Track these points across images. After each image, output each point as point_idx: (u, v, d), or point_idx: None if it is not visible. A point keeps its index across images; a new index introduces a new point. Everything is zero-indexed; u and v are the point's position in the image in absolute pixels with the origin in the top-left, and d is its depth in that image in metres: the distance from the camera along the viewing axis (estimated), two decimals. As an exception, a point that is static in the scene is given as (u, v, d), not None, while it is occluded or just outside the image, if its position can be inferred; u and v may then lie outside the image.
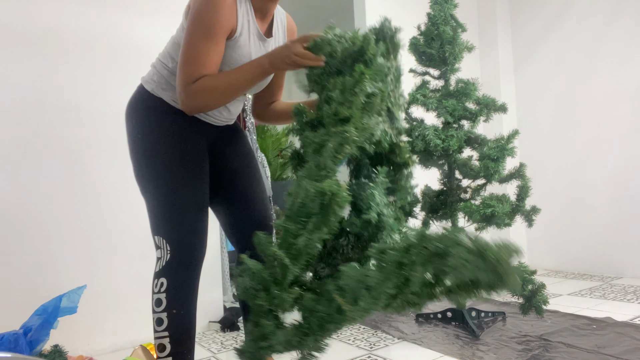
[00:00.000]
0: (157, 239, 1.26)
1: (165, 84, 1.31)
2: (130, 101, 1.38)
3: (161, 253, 1.25)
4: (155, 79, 1.33)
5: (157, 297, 1.23)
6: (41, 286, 1.91)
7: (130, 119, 1.35)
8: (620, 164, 3.10)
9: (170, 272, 1.24)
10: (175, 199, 1.27)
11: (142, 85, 1.36)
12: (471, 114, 2.08)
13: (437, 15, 2.10)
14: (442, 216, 2.16)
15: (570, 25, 3.38)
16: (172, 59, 1.30)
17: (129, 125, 1.35)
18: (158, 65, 1.35)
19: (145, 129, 1.30)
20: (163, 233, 1.25)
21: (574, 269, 3.36)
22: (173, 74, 1.29)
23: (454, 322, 2.14)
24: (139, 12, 2.22)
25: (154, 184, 1.29)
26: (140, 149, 1.31)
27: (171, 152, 1.28)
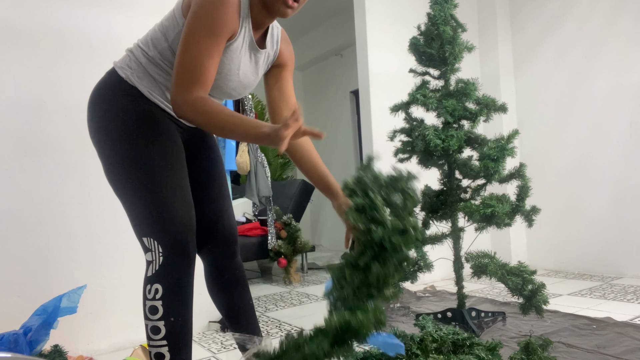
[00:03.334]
0: (146, 240, 1.15)
1: (142, 73, 1.22)
2: (98, 87, 1.25)
3: (152, 256, 1.15)
4: (132, 66, 1.22)
5: (151, 305, 1.14)
6: (41, 286, 1.91)
7: (98, 107, 1.21)
8: (620, 164, 3.10)
9: (165, 276, 1.15)
10: (162, 194, 1.15)
11: (115, 71, 1.24)
12: (471, 114, 2.08)
13: (437, 15, 2.10)
14: (442, 216, 2.16)
15: (570, 25, 3.38)
16: (154, 47, 1.22)
17: (97, 114, 1.21)
18: (136, 51, 1.24)
19: (118, 118, 1.17)
20: (152, 233, 1.15)
21: (574, 269, 3.36)
22: (152, 62, 1.22)
23: (453, 322, 2.14)
24: (139, 12, 2.22)
25: (134, 180, 1.16)
26: (112, 140, 1.18)
27: (151, 142, 1.17)
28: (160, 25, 1.24)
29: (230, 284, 1.45)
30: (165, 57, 1.22)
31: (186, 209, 1.20)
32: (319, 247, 6.01)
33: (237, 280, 1.45)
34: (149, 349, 1.16)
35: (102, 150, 1.22)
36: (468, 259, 2.07)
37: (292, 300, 2.95)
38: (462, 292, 2.16)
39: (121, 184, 1.20)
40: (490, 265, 1.94)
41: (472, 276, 2.03)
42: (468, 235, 2.19)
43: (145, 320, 1.16)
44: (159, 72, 1.23)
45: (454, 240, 2.15)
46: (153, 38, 1.23)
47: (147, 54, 1.22)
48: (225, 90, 1.28)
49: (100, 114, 1.21)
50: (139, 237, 1.19)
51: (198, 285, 2.40)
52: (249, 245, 3.57)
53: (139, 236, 1.19)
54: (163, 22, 1.24)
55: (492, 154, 1.95)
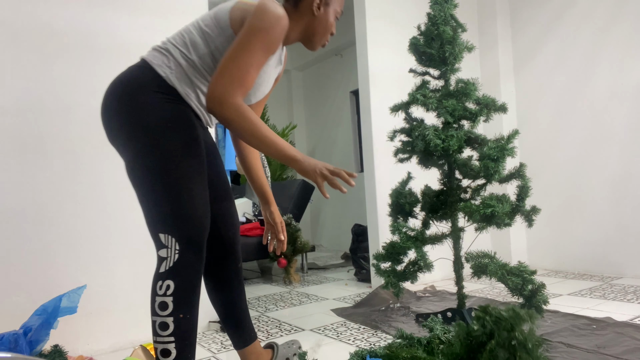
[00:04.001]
0: (164, 237, 1.18)
1: (181, 74, 1.25)
2: (128, 81, 1.25)
3: (168, 253, 1.17)
4: (171, 67, 1.25)
5: (161, 300, 1.16)
6: (41, 286, 1.91)
7: (131, 101, 1.22)
8: (620, 164, 3.10)
9: (178, 273, 1.17)
10: (188, 195, 1.19)
11: (151, 67, 1.25)
12: (471, 114, 2.08)
13: (437, 15, 2.10)
14: (442, 216, 2.16)
15: (570, 25, 3.38)
16: (195, 51, 1.26)
17: (129, 107, 1.21)
18: (175, 52, 1.27)
19: (156, 114, 1.20)
20: (171, 230, 1.17)
21: (574, 269, 3.36)
22: (192, 66, 1.26)
23: (454, 322, 2.14)
24: (139, 13, 2.22)
25: (162, 178, 1.18)
26: (147, 135, 1.19)
27: (186, 144, 1.21)
28: (199, 30, 1.28)
29: (229, 283, 1.47)
30: (205, 62, 1.27)
31: (204, 210, 1.24)
32: (319, 247, 6.01)
33: (236, 280, 1.48)
34: (155, 345, 1.17)
35: (129, 143, 1.22)
36: (468, 259, 2.07)
37: (292, 300, 2.95)
38: (462, 292, 2.16)
39: (147, 179, 1.21)
40: (490, 265, 1.94)
41: (472, 276, 2.03)
42: (468, 235, 2.19)
43: (153, 317, 1.17)
44: (197, 76, 1.27)
45: (454, 240, 2.15)
46: (192, 42, 1.27)
47: (187, 57, 1.26)
48: (248, 97, 1.38)
49: (134, 107, 1.21)
50: (155, 233, 1.20)
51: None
52: (249, 245, 3.57)
53: (155, 232, 1.20)
54: (202, 27, 1.28)
55: (492, 154, 1.95)
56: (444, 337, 1.44)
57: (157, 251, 1.20)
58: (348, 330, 2.18)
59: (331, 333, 2.14)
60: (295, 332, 2.20)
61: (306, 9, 1.34)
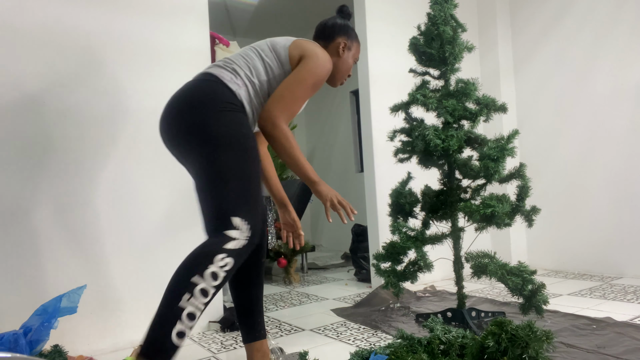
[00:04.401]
0: (239, 220, 1.29)
1: (245, 93, 1.45)
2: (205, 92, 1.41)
3: (239, 234, 1.28)
4: (239, 84, 1.44)
5: (214, 271, 1.22)
6: (41, 286, 1.91)
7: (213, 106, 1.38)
8: (620, 164, 3.10)
9: (239, 256, 1.28)
10: (257, 192, 1.38)
11: (224, 83, 1.42)
12: (471, 114, 2.08)
13: (437, 15, 2.10)
14: (442, 216, 2.16)
15: (570, 25, 3.38)
16: (257, 76, 1.47)
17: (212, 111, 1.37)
18: (242, 73, 1.46)
19: (231, 119, 1.38)
20: (248, 218, 1.31)
21: (574, 269, 3.36)
22: (254, 89, 1.46)
23: (454, 322, 2.14)
24: (139, 13, 2.22)
25: (242, 172, 1.35)
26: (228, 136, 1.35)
27: (253, 148, 1.39)
28: (260, 60, 1.50)
29: (252, 273, 1.59)
30: (262, 87, 1.48)
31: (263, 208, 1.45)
32: (319, 247, 6.01)
33: (258, 271, 1.61)
34: (184, 304, 1.17)
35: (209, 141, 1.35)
36: (468, 259, 2.07)
37: (292, 300, 2.95)
38: (462, 292, 2.16)
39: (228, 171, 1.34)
40: (490, 265, 1.94)
41: (472, 276, 2.03)
42: (468, 235, 2.19)
43: (194, 278, 1.20)
44: (256, 97, 1.48)
45: (454, 240, 2.15)
46: (255, 67, 1.48)
47: (251, 79, 1.47)
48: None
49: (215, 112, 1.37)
50: (229, 215, 1.29)
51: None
52: (249, 245, 3.56)
53: (230, 214, 1.29)
54: (263, 57, 1.50)
55: (492, 154, 1.95)
56: (444, 338, 1.44)
57: (226, 230, 1.27)
58: (348, 330, 2.18)
59: (331, 333, 2.14)
60: (295, 332, 2.20)
61: (333, 50, 1.65)
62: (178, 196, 2.29)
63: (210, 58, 2.45)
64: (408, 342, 1.46)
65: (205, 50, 2.43)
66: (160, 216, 2.23)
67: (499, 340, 1.20)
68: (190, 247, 2.27)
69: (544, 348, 1.19)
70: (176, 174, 2.29)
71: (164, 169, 2.25)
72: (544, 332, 1.20)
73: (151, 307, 2.19)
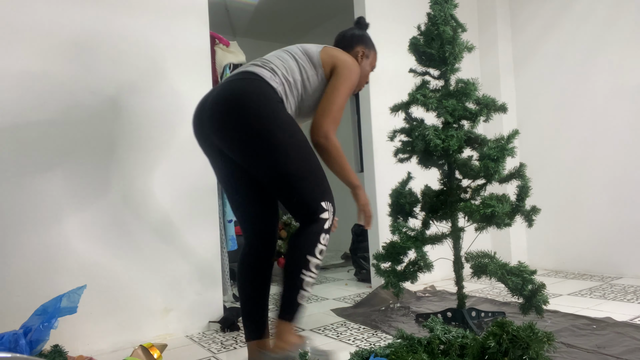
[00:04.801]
0: (325, 204, 1.50)
1: (283, 90, 1.56)
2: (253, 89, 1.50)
3: (329, 215, 1.50)
4: (277, 82, 1.55)
5: (322, 248, 1.48)
6: (41, 286, 1.91)
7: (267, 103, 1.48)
8: (620, 164, 3.10)
9: (329, 231, 1.52)
10: (322, 171, 1.53)
11: (267, 81, 1.52)
12: (471, 114, 2.08)
13: (437, 15, 2.10)
14: (442, 216, 2.16)
15: (570, 25, 3.38)
16: (292, 75, 1.58)
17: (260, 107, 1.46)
18: (279, 73, 1.56)
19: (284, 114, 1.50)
20: (330, 199, 1.52)
21: (574, 269, 3.36)
22: (289, 87, 1.57)
23: (454, 322, 2.14)
24: (139, 13, 2.22)
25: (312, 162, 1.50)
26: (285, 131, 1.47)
27: (304, 137, 1.52)
28: (295, 61, 1.61)
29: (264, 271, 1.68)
30: (296, 86, 1.59)
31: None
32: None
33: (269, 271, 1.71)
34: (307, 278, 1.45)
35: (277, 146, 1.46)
36: (468, 259, 2.07)
37: (292, 300, 2.95)
38: (462, 292, 2.16)
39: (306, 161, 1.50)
40: (490, 265, 1.94)
41: (472, 276, 2.03)
42: (468, 235, 2.19)
43: (310, 256, 1.46)
44: (291, 95, 1.59)
45: (454, 240, 2.15)
46: (290, 68, 1.59)
47: (287, 79, 1.57)
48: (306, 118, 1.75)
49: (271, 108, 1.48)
50: (318, 202, 1.49)
51: (199, 285, 2.42)
52: (249, 245, 3.56)
53: (319, 200, 1.49)
54: (297, 59, 1.61)
55: (492, 154, 1.95)
56: (444, 338, 1.44)
57: (319, 214, 1.48)
58: (348, 330, 2.18)
59: (331, 333, 2.14)
60: (295, 331, 2.20)
61: (355, 58, 1.76)
62: (179, 196, 2.29)
63: (210, 58, 2.45)
64: (408, 342, 1.46)
65: (205, 50, 2.43)
66: (161, 216, 2.23)
67: (500, 341, 1.20)
68: (189, 247, 2.27)
69: (545, 349, 1.19)
70: (177, 173, 2.29)
71: (164, 168, 2.25)
72: (545, 334, 1.20)
73: (151, 307, 2.20)
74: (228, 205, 2.78)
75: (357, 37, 1.81)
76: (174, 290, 2.24)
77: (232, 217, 2.79)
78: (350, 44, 1.80)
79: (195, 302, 2.31)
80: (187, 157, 2.32)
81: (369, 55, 1.81)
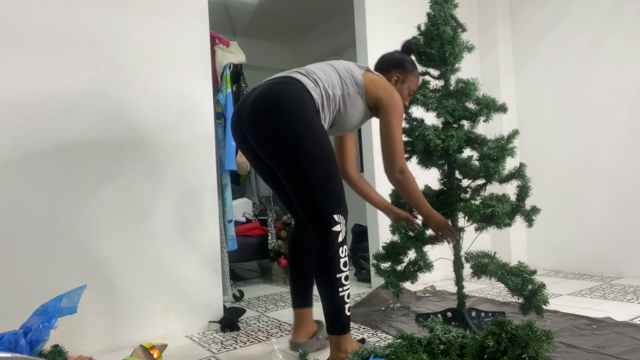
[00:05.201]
0: (337, 216, 1.57)
1: (321, 101, 1.64)
2: (293, 94, 1.57)
3: (341, 227, 1.58)
4: (317, 92, 1.62)
5: (344, 260, 1.58)
6: (41, 286, 1.91)
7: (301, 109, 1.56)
8: (620, 164, 3.10)
9: (346, 241, 1.61)
10: (339, 184, 1.61)
11: (308, 90, 1.60)
12: (471, 114, 2.08)
13: (437, 15, 2.10)
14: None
15: (570, 25, 3.38)
16: (333, 89, 1.66)
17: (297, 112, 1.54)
18: (321, 84, 1.64)
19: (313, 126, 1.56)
20: (342, 211, 1.59)
21: (574, 269, 3.36)
22: (327, 99, 1.65)
23: (454, 322, 2.14)
24: (139, 13, 2.22)
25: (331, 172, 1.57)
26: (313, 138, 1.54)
27: (330, 151, 1.59)
28: (338, 77, 1.68)
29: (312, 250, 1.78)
30: (335, 100, 1.67)
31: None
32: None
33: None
34: (342, 292, 1.58)
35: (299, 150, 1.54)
36: (468, 259, 2.07)
37: (292, 300, 2.95)
38: (462, 292, 2.16)
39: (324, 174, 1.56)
40: (490, 265, 1.94)
41: (472, 276, 2.03)
42: (468, 235, 2.19)
43: (338, 274, 1.57)
44: (328, 108, 1.67)
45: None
46: (332, 82, 1.66)
47: (327, 91, 1.65)
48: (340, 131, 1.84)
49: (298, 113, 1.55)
50: (330, 214, 1.56)
51: (198, 285, 2.42)
52: (249, 245, 3.57)
53: (331, 213, 1.56)
54: (341, 75, 1.69)
55: (492, 154, 1.95)
56: (444, 338, 1.44)
57: (331, 227, 1.56)
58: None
59: (331, 333, 2.14)
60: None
61: (390, 81, 1.84)
62: (179, 196, 2.29)
63: (210, 58, 2.45)
64: (408, 342, 1.46)
65: (205, 50, 2.43)
66: (162, 216, 2.23)
67: (499, 340, 1.20)
68: (190, 247, 2.27)
69: (544, 348, 1.19)
70: (177, 173, 2.29)
71: (164, 168, 2.25)
72: (544, 332, 1.20)
73: (151, 307, 2.20)
74: (228, 205, 2.78)
75: (394, 61, 1.89)
76: (174, 290, 2.24)
77: (232, 217, 2.79)
78: (387, 67, 1.88)
79: (195, 302, 2.31)
80: (187, 157, 2.32)
81: (404, 80, 1.88)
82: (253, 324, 2.38)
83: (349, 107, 1.70)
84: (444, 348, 1.43)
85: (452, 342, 1.42)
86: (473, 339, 1.33)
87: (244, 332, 2.23)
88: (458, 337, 1.43)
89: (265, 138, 1.57)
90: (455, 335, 1.44)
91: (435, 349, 1.41)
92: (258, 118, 1.57)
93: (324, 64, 1.74)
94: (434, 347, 1.42)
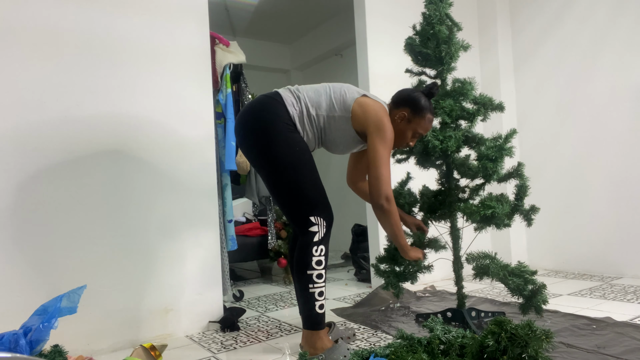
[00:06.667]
0: (313, 218, 1.69)
1: (300, 120, 1.75)
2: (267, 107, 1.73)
3: (318, 228, 1.69)
4: (296, 108, 1.75)
5: (318, 259, 1.68)
6: (41, 286, 1.91)
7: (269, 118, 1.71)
8: (620, 164, 3.10)
9: (325, 240, 1.71)
10: (321, 188, 1.73)
11: (285, 105, 1.73)
12: (469, 114, 2.07)
13: (432, 15, 2.09)
14: (441, 216, 2.16)
15: (570, 25, 3.38)
16: (318, 110, 1.76)
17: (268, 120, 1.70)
18: (304, 102, 1.76)
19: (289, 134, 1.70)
20: (319, 213, 1.70)
21: (574, 269, 3.36)
22: (308, 118, 1.76)
23: (454, 322, 2.14)
24: (138, 13, 2.23)
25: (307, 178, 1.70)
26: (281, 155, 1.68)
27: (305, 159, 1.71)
28: (328, 99, 1.78)
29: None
30: (318, 121, 1.78)
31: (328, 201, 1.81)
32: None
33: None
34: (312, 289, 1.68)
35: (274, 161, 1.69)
36: (469, 260, 2.06)
37: (292, 300, 2.95)
38: (462, 292, 2.16)
39: (294, 180, 1.69)
40: (491, 267, 1.94)
41: (474, 278, 2.03)
42: (468, 235, 2.19)
43: (310, 271, 1.68)
44: (309, 125, 1.78)
45: (453, 240, 2.15)
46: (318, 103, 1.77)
47: (308, 110, 1.76)
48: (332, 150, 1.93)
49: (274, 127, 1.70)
50: (306, 216, 1.69)
51: (199, 285, 2.42)
52: (249, 245, 3.57)
53: (306, 215, 1.69)
54: (331, 98, 1.78)
55: (491, 154, 1.95)
56: (444, 338, 1.44)
57: (308, 228, 1.69)
58: (348, 330, 2.18)
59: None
60: (296, 332, 2.20)
61: (393, 116, 1.86)
62: (179, 196, 2.29)
63: (210, 58, 2.46)
64: (408, 342, 1.47)
65: (205, 50, 2.43)
66: (161, 216, 2.23)
67: (499, 339, 1.20)
68: (189, 247, 2.28)
69: (544, 347, 1.19)
70: (177, 173, 2.30)
71: (164, 168, 2.25)
72: (544, 332, 1.20)
73: (151, 307, 2.21)
74: (228, 205, 2.78)
75: (407, 99, 1.86)
76: (174, 290, 2.24)
77: (232, 217, 2.79)
78: (398, 102, 1.88)
79: (195, 302, 2.31)
80: (187, 157, 2.33)
81: (411, 119, 1.84)
82: (253, 324, 2.38)
83: (333, 130, 1.79)
84: (444, 348, 1.43)
85: (452, 342, 1.42)
86: (473, 338, 1.33)
87: (244, 332, 2.23)
88: (458, 337, 1.43)
89: (244, 147, 1.77)
90: (455, 335, 1.44)
91: (435, 349, 1.41)
92: (240, 129, 1.78)
93: (324, 84, 1.84)
94: (434, 347, 1.42)
